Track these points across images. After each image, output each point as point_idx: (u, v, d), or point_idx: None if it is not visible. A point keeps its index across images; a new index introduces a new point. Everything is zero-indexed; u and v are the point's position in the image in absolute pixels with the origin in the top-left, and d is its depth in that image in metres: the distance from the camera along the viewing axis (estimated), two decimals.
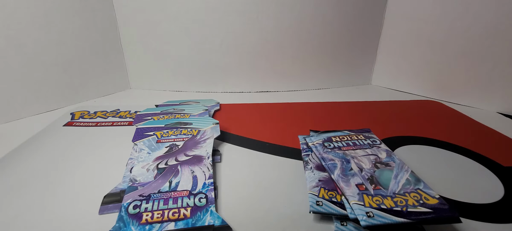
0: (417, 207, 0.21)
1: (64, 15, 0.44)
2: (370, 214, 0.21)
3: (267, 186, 0.27)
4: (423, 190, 0.23)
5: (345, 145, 0.30)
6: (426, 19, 0.51)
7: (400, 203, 0.21)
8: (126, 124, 0.40)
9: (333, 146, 0.30)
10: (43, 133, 0.37)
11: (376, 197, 0.22)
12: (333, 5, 0.51)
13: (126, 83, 0.56)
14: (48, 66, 0.44)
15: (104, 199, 0.24)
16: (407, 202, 0.21)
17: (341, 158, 0.28)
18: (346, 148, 0.30)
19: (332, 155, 0.29)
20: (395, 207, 0.21)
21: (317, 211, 0.22)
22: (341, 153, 0.29)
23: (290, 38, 0.53)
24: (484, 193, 0.26)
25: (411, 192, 0.23)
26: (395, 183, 0.24)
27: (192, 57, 0.53)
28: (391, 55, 0.58)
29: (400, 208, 0.21)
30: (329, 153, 0.29)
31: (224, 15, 0.50)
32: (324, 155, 0.29)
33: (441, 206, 0.21)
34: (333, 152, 0.29)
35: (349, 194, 0.23)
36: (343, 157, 0.28)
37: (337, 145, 0.30)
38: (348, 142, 0.31)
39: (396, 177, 0.25)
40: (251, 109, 0.47)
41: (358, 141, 0.31)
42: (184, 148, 0.31)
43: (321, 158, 0.29)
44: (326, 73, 0.58)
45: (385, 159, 0.27)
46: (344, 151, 0.29)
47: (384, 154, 0.28)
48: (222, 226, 0.22)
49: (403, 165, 0.26)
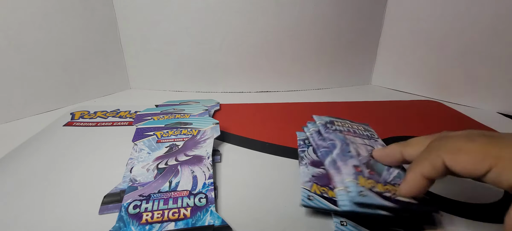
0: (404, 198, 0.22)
1: (64, 15, 0.44)
2: (363, 193, 0.22)
3: (267, 186, 0.27)
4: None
5: (346, 130, 0.31)
6: (426, 19, 0.51)
7: (389, 190, 0.23)
8: (126, 124, 0.40)
9: (335, 128, 0.31)
10: (43, 133, 0.37)
11: (370, 180, 0.23)
12: (333, 5, 0.51)
13: (126, 83, 0.56)
14: (48, 66, 0.44)
15: (104, 199, 0.24)
16: (395, 191, 0.22)
17: (342, 140, 0.28)
18: (346, 133, 0.30)
19: (333, 136, 0.29)
20: (384, 193, 0.22)
21: (308, 205, 0.23)
22: (342, 135, 0.29)
23: (290, 38, 0.53)
24: (484, 193, 0.26)
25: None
26: (387, 173, 0.25)
27: (192, 57, 0.53)
28: (391, 55, 0.58)
29: (389, 194, 0.22)
30: (330, 133, 0.30)
31: (224, 15, 0.49)
32: (318, 142, 0.30)
33: (425, 201, 0.22)
34: (334, 133, 0.30)
35: (345, 172, 0.24)
36: (344, 140, 0.28)
37: (339, 129, 0.31)
38: (349, 129, 0.32)
39: (389, 169, 0.26)
40: (251, 109, 0.47)
41: (357, 130, 0.32)
42: (184, 148, 0.31)
43: (315, 145, 0.30)
44: (326, 73, 0.58)
45: None
46: (345, 135, 0.30)
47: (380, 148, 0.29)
48: (222, 226, 0.22)
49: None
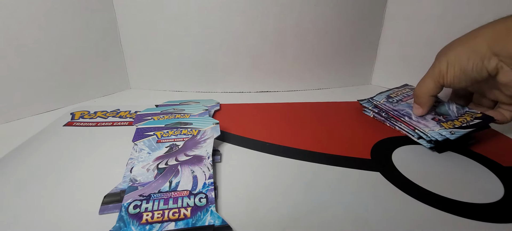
0: (474, 120, 0.33)
1: (64, 15, 0.44)
2: (453, 132, 0.32)
3: (267, 186, 0.27)
4: (469, 111, 0.35)
5: (403, 97, 0.41)
6: (426, 19, 0.51)
7: (464, 121, 0.33)
8: (126, 124, 0.40)
9: (396, 100, 0.40)
10: (43, 133, 0.37)
11: (448, 122, 0.34)
12: (333, 5, 0.51)
13: (126, 83, 0.56)
14: (48, 66, 0.44)
15: (104, 199, 0.24)
16: (466, 120, 0.34)
17: (408, 106, 0.38)
18: (406, 99, 0.40)
19: (401, 106, 0.39)
20: (463, 124, 0.33)
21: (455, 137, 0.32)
22: (405, 103, 0.39)
23: (290, 38, 0.53)
24: (484, 193, 0.27)
25: (464, 113, 0.35)
26: (451, 111, 0.36)
27: (192, 57, 0.53)
28: (391, 55, 0.58)
29: (465, 124, 0.33)
30: (397, 106, 0.39)
31: (224, 15, 0.49)
32: (394, 107, 0.39)
33: (485, 116, 0.34)
34: (399, 104, 0.39)
35: (431, 127, 0.34)
36: (409, 106, 0.38)
37: (398, 99, 0.41)
38: (404, 95, 0.41)
39: (449, 107, 0.36)
40: (251, 109, 0.47)
41: (406, 93, 0.42)
42: (184, 148, 0.31)
43: (393, 110, 0.39)
44: (326, 73, 0.58)
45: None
46: (406, 101, 0.40)
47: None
48: (222, 226, 0.22)
49: (443, 100, 0.38)
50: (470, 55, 0.30)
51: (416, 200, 0.26)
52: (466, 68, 0.30)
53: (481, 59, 0.29)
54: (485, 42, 0.29)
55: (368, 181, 0.28)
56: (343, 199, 0.26)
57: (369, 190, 0.27)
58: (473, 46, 0.30)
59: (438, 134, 0.32)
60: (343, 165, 0.31)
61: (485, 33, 0.29)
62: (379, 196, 0.26)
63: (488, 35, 0.29)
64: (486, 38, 0.29)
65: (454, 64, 0.31)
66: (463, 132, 0.32)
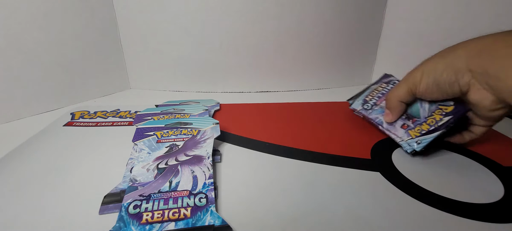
0: (443, 119, 0.31)
1: (64, 15, 0.44)
2: (418, 141, 0.31)
3: (267, 186, 0.27)
4: (441, 104, 0.32)
5: (378, 99, 0.38)
6: (426, 19, 0.51)
7: (431, 122, 0.31)
8: (126, 124, 0.40)
9: (371, 105, 0.38)
10: (43, 133, 0.37)
11: (416, 128, 0.32)
12: (333, 5, 0.51)
13: (126, 83, 0.56)
14: (48, 66, 0.44)
15: (104, 199, 0.24)
16: (435, 119, 0.31)
17: (381, 113, 0.36)
18: (380, 100, 0.37)
19: (375, 114, 0.37)
20: (430, 128, 0.31)
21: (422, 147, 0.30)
22: (378, 107, 0.37)
23: (290, 38, 0.53)
24: (484, 193, 0.27)
25: (435, 110, 0.32)
26: (423, 110, 0.33)
27: (192, 57, 0.53)
28: (391, 55, 0.58)
29: (433, 126, 0.31)
30: (371, 113, 0.37)
31: (224, 15, 0.49)
32: (368, 115, 0.37)
33: (456, 109, 0.31)
34: (373, 110, 0.37)
35: (400, 136, 0.33)
36: (382, 111, 0.36)
37: (373, 102, 0.38)
38: (379, 95, 0.38)
39: (422, 105, 0.33)
40: (251, 109, 0.47)
41: (383, 90, 0.38)
42: (184, 148, 0.31)
43: (367, 118, 0.37)
44: (326, 73, 0.58)
45: None
46: (379, 104, 0.37)
47: None
48: (222, 226, 0.22)
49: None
50: (446, 67, 0.28)
51: (416, 200, 0.26)
52: (439, 80, 0.29)
53: (455, 73, 0.28)
54: (464, 56, 0.27)
55: (368, 181, 0.28)
56: (343, 199, 0.26)
57: (369, 190, 0.27)
58: (451, 59, 0.28)
59: (407, 144, 0.32)
60: (343, 165, 0.31)
61: (467, 47, 0.28)
62: (379, 196, 0.26)
63: (469, 49, 0.28)
64: (466, 52, 0.28)
65: (428, 74, 0.30)
66: (430, 139, 0.30)
